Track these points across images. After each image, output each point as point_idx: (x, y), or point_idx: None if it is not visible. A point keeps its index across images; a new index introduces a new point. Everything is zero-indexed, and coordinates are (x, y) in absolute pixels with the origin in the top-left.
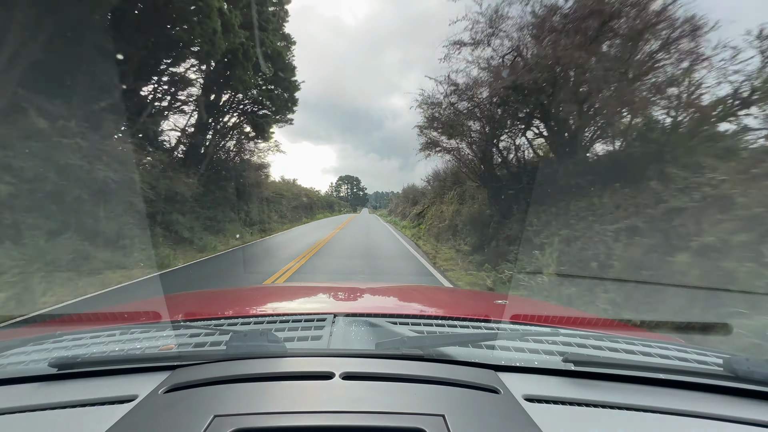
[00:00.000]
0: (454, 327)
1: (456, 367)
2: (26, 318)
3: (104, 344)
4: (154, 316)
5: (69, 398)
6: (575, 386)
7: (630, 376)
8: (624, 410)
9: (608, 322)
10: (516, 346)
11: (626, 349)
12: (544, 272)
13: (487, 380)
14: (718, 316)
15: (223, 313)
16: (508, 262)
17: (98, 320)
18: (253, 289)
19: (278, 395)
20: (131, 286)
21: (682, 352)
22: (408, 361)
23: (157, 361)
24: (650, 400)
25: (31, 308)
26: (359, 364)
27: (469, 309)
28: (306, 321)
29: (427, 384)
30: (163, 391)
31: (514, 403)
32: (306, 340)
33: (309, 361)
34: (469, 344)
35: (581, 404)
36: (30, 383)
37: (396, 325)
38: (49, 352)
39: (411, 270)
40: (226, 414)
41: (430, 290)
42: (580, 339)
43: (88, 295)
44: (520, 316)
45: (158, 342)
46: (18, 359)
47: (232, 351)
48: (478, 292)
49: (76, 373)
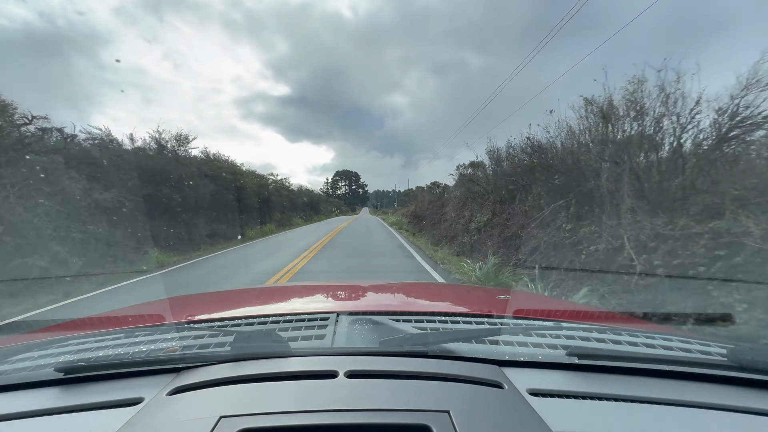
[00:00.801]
0: (457, 323)
1: (460, 363)
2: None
3: (109, 348)
4: (158, 318)
5: (75, 402)
6: (579, 379)
7: (634, 368)
8: (628, 402)
9: (611, 315)
10: (519, 340)
11: (629, 342)
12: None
13: (491, 375)
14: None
15: (226, 314)
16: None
17: (102, 324)
18: (256, 290)
19: (283, 395)
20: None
21: (685, 343)
22: (412, 358)
23: (162, 363)
24: (654, 392)
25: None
26: (363, 362)
27: (472, 305)
28: (309, 320)
29: (432, 380)
30: (168, 393)
31: (519, 397)
32: (310, 339)
33: (313, 360)
34: (472, 340)
35: (586, 397)
36: (36, 388)
37: (399, 322)
38: (54, 357)
39: None
40: (232, 415)
41: (433, 287)
42: (583, 332)
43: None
44: (522, 310)
45: (163, 344)
46: (24, 365)
47: (237, 352)
48: (481, 288)
49: (82, 378)
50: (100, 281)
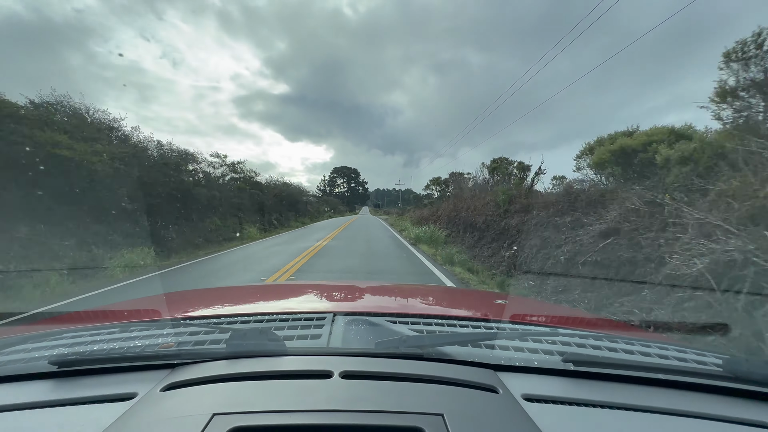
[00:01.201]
0: (453, 326)
1: (455, 367)
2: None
3: (104, 342)
4: (153, 314)
5: (69, 396)
6: (574, 386)
7: (629, 376)
8: (623, 410)
9: (607, 322)
10: (515, 345)
11: (625, 349)
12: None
13: (486, 380)
14: None
15: (222, 312)
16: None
17: (98, 318)
18: (253, 288)
19: (277, 394)
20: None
21: (680, 352)
22: (407, 360)
23: (156, 359)
24: (649, 400)
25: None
26: (358, 363)
27: (469, 308)
28: (306, 320)
29: (427, 383)
30: (162, 389)
31: (513, 402)
32: (305, 338)
33: (308, 359)
34: (468, 344)
35: (580, 404)
36: (30, 381)
37: (396, 324)
38: (49, 349)
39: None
40: (225, 412)
41: (430, 289)
42: (579, 339)
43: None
44: (519, 315)
45: (158, 340)
46: (18, 357)
47: (232, 349)
48: (478, 292)
49: (76, 371)
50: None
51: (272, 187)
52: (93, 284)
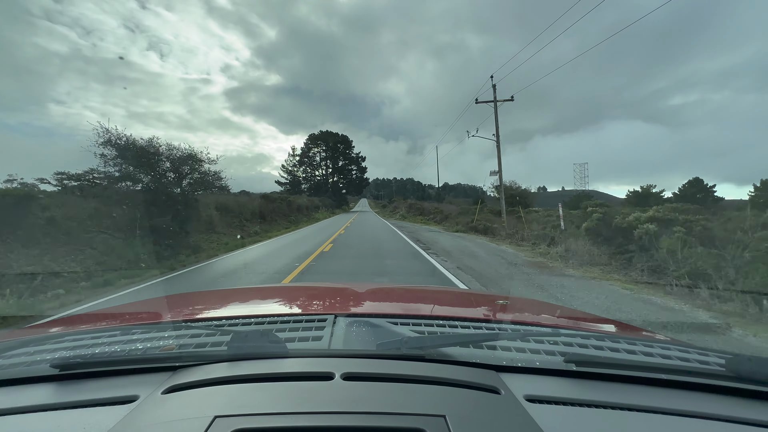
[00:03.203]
0: (455, 327)
1: (457, 368)
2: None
3: (105, 345)
4: (155, 316)
5: (71, 399)
6: (577, 387)
7: (632, 376)
8: (626, 410)
9: (609, 322)
10: (517, 346)
11: (628, 350)
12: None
13: (488, 380)
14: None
15: (224, 314)
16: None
17: (99, 321)
18: (255, 290)
19: (279, 396)
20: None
21: (683, 352)
22: (409, 361)
23: (158, 361)
24: (652, 401)
25: None
26: (360, 365)
27: (470, 309)
28: (307, 321)
29: (428, 384)
30: (163, 392)
31: (516, 403)
32: (307, 340)
33: (310, 361)
34: (470, 344)
35: (583, 405)
36: (32, 384)
37: (397, 325)
38: (51, 352)
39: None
40: (227, 414)
41: (431, 291)
42: (581, 339)
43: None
44: (521, 316)
45: (159, 342)
46: (19, 360)
47: (233, 351)
48: (479, 293)
49: (77, 374)
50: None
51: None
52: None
